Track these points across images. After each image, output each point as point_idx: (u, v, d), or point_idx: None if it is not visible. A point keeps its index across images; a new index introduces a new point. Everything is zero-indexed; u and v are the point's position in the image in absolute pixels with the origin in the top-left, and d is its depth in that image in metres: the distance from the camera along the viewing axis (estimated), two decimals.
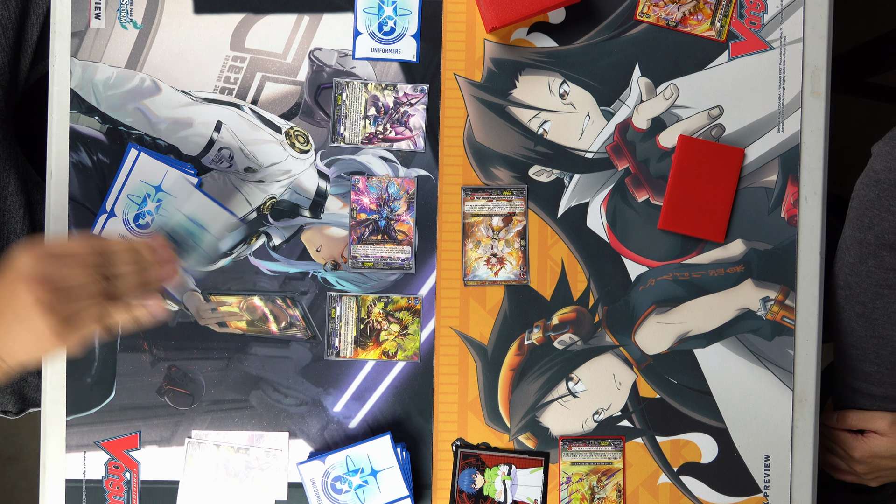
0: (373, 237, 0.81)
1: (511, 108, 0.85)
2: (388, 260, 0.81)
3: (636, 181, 0.85)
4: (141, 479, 0.85)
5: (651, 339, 0.86)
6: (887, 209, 0.81)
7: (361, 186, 0.80)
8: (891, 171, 0.81)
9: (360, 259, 0.81)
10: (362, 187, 0.80)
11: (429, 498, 0.86)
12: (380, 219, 0.80)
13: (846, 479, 0.92)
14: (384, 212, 0.82)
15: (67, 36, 0.84)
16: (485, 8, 0.80)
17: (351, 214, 0.82)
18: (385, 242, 0.81)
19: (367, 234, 0.81)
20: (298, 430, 0.85)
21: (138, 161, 0.83)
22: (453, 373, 0.86)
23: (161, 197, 0.82)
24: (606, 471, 0.86)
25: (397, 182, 0.81)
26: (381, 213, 0.81)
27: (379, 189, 0.81)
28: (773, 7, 0.84)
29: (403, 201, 0.82)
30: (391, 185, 0.81)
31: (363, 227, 0.81)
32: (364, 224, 0.81)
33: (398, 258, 0.81)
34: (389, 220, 0.80)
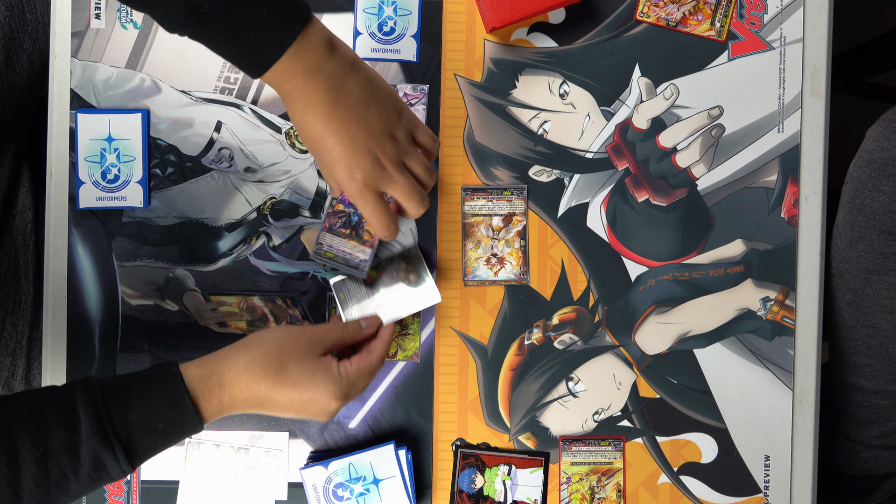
0: (342, 229, 0.80)
1: (511, 108, 0.85)
2: (347, 256, 0.79)
3: (636, 181, 0.85)
4: (141, 479, 0.85)
5: (651, 339, 0.86)
6: (878, 189, 0.82)
7: None
8: (882, 150, 0.81)
9: (324, 247, 0.79)
10: None
11: (429, 498, 0.86)
12: (354, 214, 0.79)
13: None
14: None
15: (67, 36, 0.84)
16: (485, 8, 0.80)
17: (331, 203, 0.82)
18: (351, 238, 0.79)
19: (338, 224, 0.80)
20: (298, 430, 0.85)
21: (80, 123, 0.83)
22: (453, 373, 0.86)
23: (117, 146, 0.83)
24: (606, 471, 0.86)
25: None
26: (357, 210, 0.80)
27: None
28: (773, 7, 0.84)
29: None
30: None
31: (337, 217, 0.80)
32: (339, 215, 0.80)
33: (357, 257, 0.79)
34: (361, 217, 0.79)
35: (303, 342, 0.68)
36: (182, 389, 0.63)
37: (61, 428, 0.60)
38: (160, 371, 0.64)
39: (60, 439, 0.59)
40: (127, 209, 0.84)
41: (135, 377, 0.64)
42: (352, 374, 0.70)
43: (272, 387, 0.66)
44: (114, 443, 0.60)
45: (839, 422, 0.95)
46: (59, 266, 0.84)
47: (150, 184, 0.84)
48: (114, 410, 0.61)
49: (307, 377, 0.67)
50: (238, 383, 0.65)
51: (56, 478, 0.60)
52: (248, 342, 0.68)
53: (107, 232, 0.84)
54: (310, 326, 0.71)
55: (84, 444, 0.60)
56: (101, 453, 0.60)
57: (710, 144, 0.85)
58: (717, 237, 0.85)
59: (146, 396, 0.62)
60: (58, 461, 0.59)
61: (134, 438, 0.62)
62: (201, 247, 0.85)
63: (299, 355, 0.67)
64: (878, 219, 0.83)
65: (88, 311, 0.84)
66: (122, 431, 0.61)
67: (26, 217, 0.91)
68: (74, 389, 0.62)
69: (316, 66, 0.63)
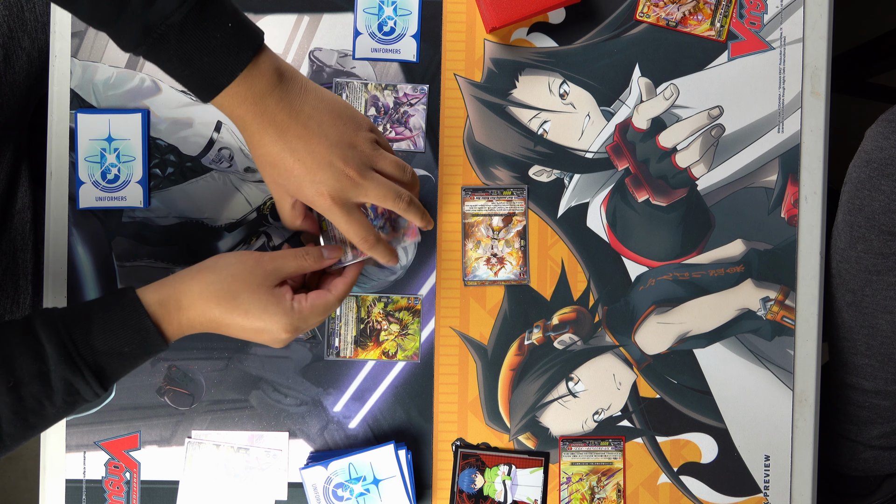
0: None
1: (511, 108, 0.85)
2: None
3: (636, 181, 0.85)
4: (141, 479, 0.85)
5: (651, 339, 0.86)
6: (878, 189, 0.82)
7: None
8: (881, 150, 0.81)
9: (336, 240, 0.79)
10: None
11: (429, 498, 0.86)
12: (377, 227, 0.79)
13: None
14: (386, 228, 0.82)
15: (67, 36, 0.84)
16: (485, 8, 0.80)
17: None
18: None
19: None
20: (298, 430, 0.85)
21: (80, 123, 0.83)
22: (453, 373, 0.86)
23: (117, 146, 0.83)
24: (606, 471, 0.86)
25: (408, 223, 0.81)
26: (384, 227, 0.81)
27: None
28: (773, 7, 0.84)
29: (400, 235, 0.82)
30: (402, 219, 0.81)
31: None
32: None
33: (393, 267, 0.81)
34: None
35: (258, 272, 0.68)
36: (142, 313, 0.65)
37: (28, 359, 0.61)
38: (117, 297, 0.66)
39: (30, 369, 0.61)
40: (127, 209, 0.84)
41: (93, 305, 0.65)
42: (305, 309, 0.70)
43: (225, 313, 0.67)
44: (82, 368, 0.62)
45: (839, 422, 0.95)
46: (59, 266, 0.84)
47: (150, 184, 0.84)
48: (77, 338, 0.63)
49: (258, 308, 0.68)
50: (194, 308, 0.67)
51: (31, 404, 0.62)
52: (204, 267, 0.69)
53: (107, 232, 0.84)
54: (268, 254, 0.70)
55: (53, 372, 0.61)
56: (70, 379, 0.62)
57: (710, 144, 0.85)
58: (717, 237, 0.85)
59: (107, 322, 0.64)
60: (30, 389, 0.61)
61: (101, 362, 0.63)
62: (201, 247, 0.85)
63: (253, 285, 0.68)
64: (877, 219, 0.83)
65: None
66: (89, 357, 0.63)
67: (25, 216, 0.91)
68: (34, 321, 0.63)
69: (266, 91, 0.66)
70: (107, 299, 0.66)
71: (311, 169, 0.67)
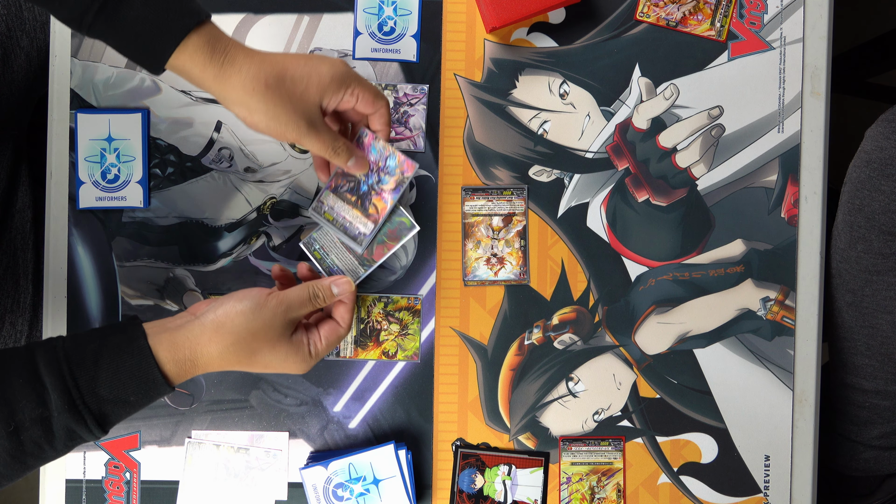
0: (348, 195, 0.77)
1: (511, 108, 0.85)
2: (346, 224, 0.78)
3: (636, 181, 0.85)
4: (141, 479, 0.85)
5: (651, 339, 0.86)
6: (878, 189, 0.82)
7: (366, 142, 0.76)
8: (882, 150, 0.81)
9: (324, 207, 0.78)
10: (366, 143, 0.76)
11: (429, 498, 0.86)
12: (364, 182, 0.78)
13: None
14: (372, 178, 0.77)
15: (67, 36, 0.84)
16: (485, 8, 0.80)
17: None
18: (355, 207, 0.78)
19: (345, 188, 0.78)
20: (298, 430, 0.85)
21: (80, 123, 0.83)
22: (453, 373, 0.86)
23: (117, 146, 0.83)
24: (606, 471, 0.86)
25: (399, 159, 0.76)
26: (370, 177, 0.77)
27: (379, 155, 0.76)
28: (773, 7, 0.84)
29: (394, 180, 0.77)
30: (392, 159, 0.76)
31: (346, 179, 0.77)
32: (348, 178, 0.78)
33: (357, 228, 0.77)
34: (372, 188, 0.77)
35: (276, 325, 0.68)
36: (152, 365, 0.63)
37: (31, 403, 0.60)
38: (129, 342, 0.63)
39: (31, 414, 0.60)
40: (127, 209, 0.84)
41: (101, 347, 0.63)
42: (321, 350, 0.71)
43: (245, 367, 0.68)
44: (85, 416, 0.61)
45: (839, 422, 0.95)
46: (59, 266, 0.84)
47: (150, 184, 0.84)
48: (83, 385, 0.61)
49: (279, 360, 0.69)
50: (211, 366, 0.66)
51: (31, 449, 0.61)
52: (221, 326, 0.66)
53: (107, 232, 0.84)
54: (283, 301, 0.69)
55: (55, 419, 0.60)
56: (73, 426, 0.61)
57: (710, 144, 0.85)
58: (717, 237, 0.85)
59: (116, 370, 0.62)
60: (31, 434, 0.60)
61: (105, 410, 0.62)
62: (201, 247, 0.85)
63: (272, 340, 0.68)
64: (877, 219, 0.83)
65: (88, 311, 0.84)
66: (94, 405, 0.61)
67: (25, 216, 0.91)
68: (38, 362, 0.61)
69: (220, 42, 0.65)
70: (117, 343, 0.63)
71: None
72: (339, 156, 0.72)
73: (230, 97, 0.66)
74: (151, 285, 0.85)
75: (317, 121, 0.68)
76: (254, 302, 0.67)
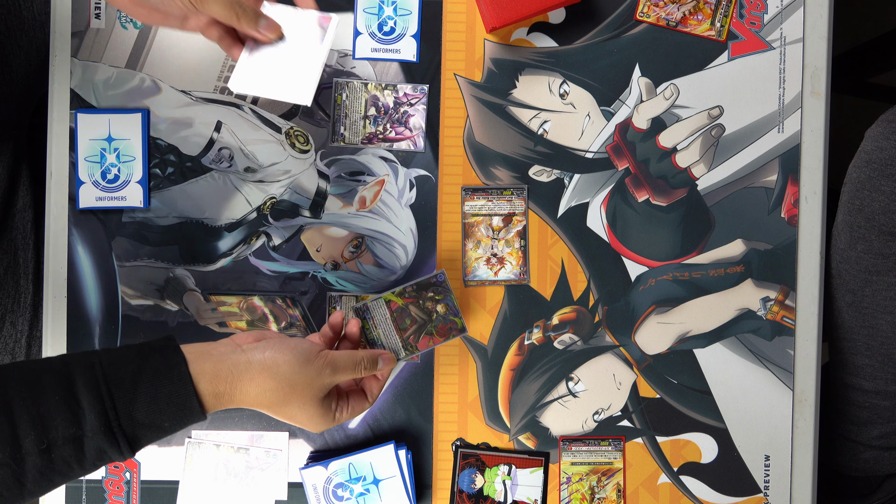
0: None
1: (511, 108, 0.85)
2: None
3: (636, 181, 0.85)
4: (141, 479, 0.85)
5: (651, 339, 0.86)
6: (878, 189, 0.82)
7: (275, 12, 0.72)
8: (882, 150, 0.81)
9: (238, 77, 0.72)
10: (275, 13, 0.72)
11: (429, 498, 0.86)
12: None
13: None
14: None
15: (67, 36, 0.84)
16: (485, 8, 0.80)
17: None
18: None
19: None
20: (298, 430, 0.85)
21: (80, 123, 0.83)
22: (453, 373, 0.86)
23: (117, 146, 0.83)
24: (606, 471, 0.86)
25: (317, 18, 0.73)
26: None
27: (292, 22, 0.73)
28: (773, 7, 0.84)
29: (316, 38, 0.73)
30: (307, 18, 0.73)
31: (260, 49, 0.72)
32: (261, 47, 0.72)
33: None
34: None
35: (315, 385, 0.67)
36: (191, 393, 0.62)
37: (65, 421, 0.59)
38: (168, 368, 0.63)
39: (65, 433, 0.59)
40: (127, 209, 0.84)
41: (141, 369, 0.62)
42: (345, 418, 0.71)
43: (272, 412, 0.68)
44: (119, 439, 0.60)
45: (839, 422, 0.95)
46: (59, 266, 0.84)
47: (150, 184, 0.84)
48: (120, 407, 0.60)
49: (305, 417, 0.68)
50: (244, 403, 0.66)
51: (60, 467, 0.59)
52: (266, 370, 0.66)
53: (107, 232, 0.84)
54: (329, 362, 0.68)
55: (88, 439, 0.59)
56: (105, 448, 0.60)
57: (710, 144, 0.85)
58: (717, 237, 0.85)
59: (154, 395, 0.61)
60: (62, 453, 0.59)
61: (139, 434, 0.61)
62: (201, 247, 0.85)
63: (307, 398, 0.67)
64: (877, 219, 0.83)
65: (88, 311, 0.84)
66: (129, 429, 0.60)
67: (26, 216, 0.91)
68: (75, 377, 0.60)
69: None
70: (156, 367, 0.62)
71: None
72: (245, 15, 0.67)
73: None
74: (151, 285, 0.85)
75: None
76: (303, 356, 0.67)
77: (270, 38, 0.71)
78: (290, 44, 0.73)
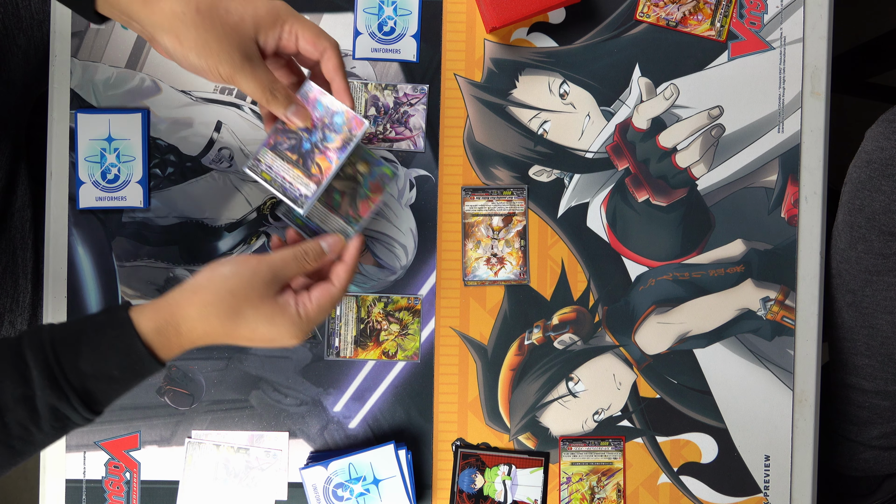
0: (289, 153, 0.69)
1: (511, 108, 0.85)
2: (286, 185, 0.69)
3: (636, 181, 0.85)
4: (141, 479, 0.85)
5: (651, 339, 0.86)
6: (878, 189, 0.82)
7: (311, 97, 0.69)
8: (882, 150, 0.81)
9: (262, 166, 0.69)
10: (311, 98, 0.69)
11: (429, 498, 0.86)
12: (307, 140, 0.69)
13: None
14: (316, 135, 0.69)
15: (67, 36, 0.84)
16: (485, 8, 0.80)
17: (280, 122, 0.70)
18: (296, 166, 0.69)
19: (285, 146, 0.69)
20: (298, 430, 0.85)
21: (80, 123, 0.83)
22: (453, 373, 0.86)
23: (117, 146, 0.82)
24: (606, 471, 0.86)
25: (347, 115, 0.69)
26: (313, 134, 0.69)
27: (325, 111, 0.69)
28: (773, 7, 0.84)
29: (340, 138, 0.69)
30: (339, 116, 0.69)
31: (287, 137, 0.69)
32: (289, 135, 0.69)
33: (297, 189, 0.69)
34: (315, 146, 0.69)
35: (257, 283, 0.63)
36: (133, 335, 0.61)
37: (13, 382, 0.58)
38: (110, 316, 0.62)
39: (14, 393, 0.58)
40: (127, 209, 0.84)
41: (84, 324, 0.62)
42: (311, 311, 0.66)
43: (230, 331, 0.64)
44: (68, 393, 0.59)
45: (839, 422, 0.95)
46: (59, 266, 0.84)
47: (150, 184, 0.84)
48: (64, 360, 0.59)
49: (264, 321, 0.64)
50: (194, 332, 0.63)
51: (17, 431, 0.59)
52: (199, 286, 0.63)
53: (107, 232, 0.84)
54: (265, 259, 0.64)
55: (38, 397, 0.59)
56: (56, 404, 0.59)
57: (710, 144, 0.85)
58: (717, 237, 0.85)
59: (97, 343, 0.60)
60: (15, 415, 0.59)
61: (89, 387, 0.60)
62: (201, 247, 0.85)
63: (255, 299, 0.63)
64: (877, 219, 0.83)
65: (88, 311, 0.84)
66: (76, 381, 0.60)
67: (25, 215, 0.91)
68: (23, 341, 0.60)
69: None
70: (98, 318, 0.62)
71: None
72: (276, 99, 0.65)
73: (159, 23, 0.60)
74: (151, 285, 0.85)
75: (253, 56, 0.63)
76: (234, 263, 0.64)
77: (298, 125, 0.69)
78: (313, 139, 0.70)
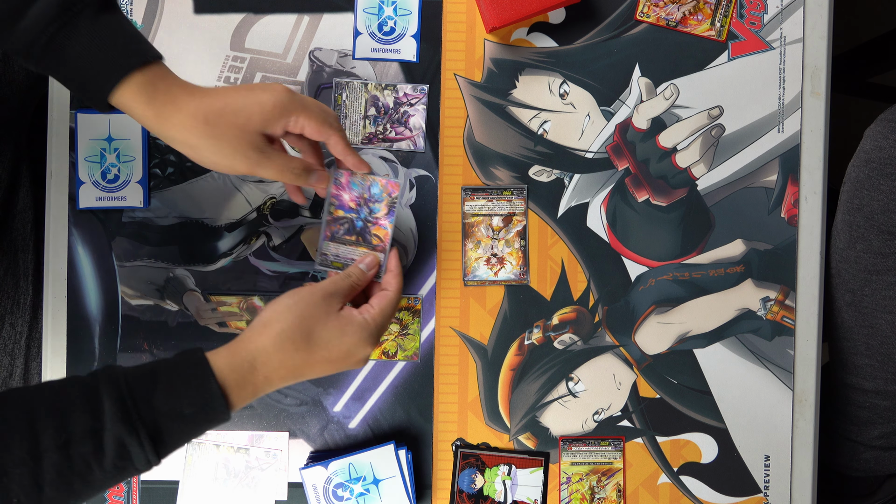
0: (347, 237, 0.75)
1: (511, 108, 0.85)
2: None
3: (636, 181, 0.85)
4: (141, 479, 0.85)
5: (651, 339, 0.86)
6: (877, 188, 0.82)
7: (344, 182, 0.74)
8: (881, 149, 0.81)
9: (329, 258, 0.76)
10: (344, 182, 0.74)
11: (429, 498, 0.86)
12: (357, 219, 0.76)
13: None
14: (363, 212, 0.75)
15: None
16: (485, 8, 0.80)
17: (328, 210, 0.75)
18: (359, 245, 0.75)
19: (341, 232, 0.75)
20: (298, 430, 0.85)
21: (80, 123, 0.83)
22: (453, 373, 0.86)
23: (117, 146, 0.83)
24: (606, 471, 0.86)
25: (381, 183, 0.74)
26: (360, 212, 0.75)
27: (361, 188, 0.75)
28: (773, 7, 0.84)
29: (384, 204, 0.75)
30: (374, 186, 0.74)
31: (339, 224, 0.75)
32: (340, 221, 0.75)
33: None
34: (367, 221, 0.75)
35: (318, 303, 0.67)
36: (208, 373, 0.62)
37: (84, 414, 0.58)
38: (185, 356, 0.64)
39: (83, 425, 0.58)
40: (127, 209, 0.84)
41: (159, 363, 0.63)
42: (377, 315, 0.69)
43: (307, 356, 0.66)
44: (139, 428, 0.59)
45: (840, 422, 0.95)
46: (59, 266, 0.84)
47: (150, 184, 0.84)
48: (138, 395, 0.60)
49: (337, 335, 0.67)
50: (271, 363, 0.65)
51: (79, 467, 0.58)
52: (268, 321, 0.66)
53: (107, 232, 0.84)
54: (316, 285, 0.68)
55: (108, 431, 0.58)
56: (125, 439, 0.59)
57: (710, 144, 0.85)
58: (717, 237, 0.85)
59: (172, 380, 0.61)
60: (80, 448, 0.58)
61: (159, 423, 0.60)
62: (201, 247, 0.85)
63: (322, 317, 0.67)
64: (876, 218, 0.83)
65: (88, 311, 0.84)
66: (147, 416, 0.60)
67: (26, 217, 0.91)
68: (98, 376, 0.61)
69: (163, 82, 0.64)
70: (173, 359, 0.64)
71: None
72: (298, 177, 0.70)
73: (173, 137, 0.65)
74: (151, 285, 0.85)
75: (265, 148, 0.66)
76: (290, 295, 0.67)
77: (324, 188, 0.73)
78: None
